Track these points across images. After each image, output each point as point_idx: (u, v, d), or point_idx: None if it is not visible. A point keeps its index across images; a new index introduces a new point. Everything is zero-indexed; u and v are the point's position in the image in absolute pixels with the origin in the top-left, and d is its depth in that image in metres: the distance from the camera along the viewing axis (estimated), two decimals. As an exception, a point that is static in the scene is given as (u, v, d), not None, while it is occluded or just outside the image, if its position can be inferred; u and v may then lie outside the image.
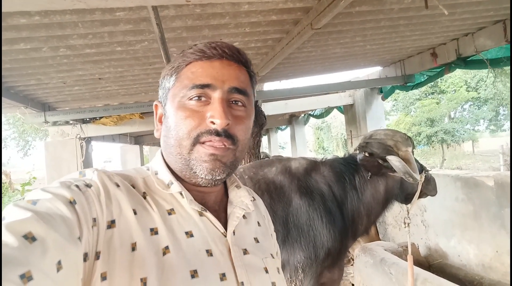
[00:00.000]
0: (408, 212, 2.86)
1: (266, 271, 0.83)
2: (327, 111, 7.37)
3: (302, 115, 9.35)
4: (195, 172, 0.75)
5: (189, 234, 0.73)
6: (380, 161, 2.45)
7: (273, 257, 0.90)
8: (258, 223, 0.94)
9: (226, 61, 0.78)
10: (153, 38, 2.58)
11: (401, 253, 3.75)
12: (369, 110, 5.43)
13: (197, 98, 0.75)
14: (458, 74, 23.48)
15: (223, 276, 0.73)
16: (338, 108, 6.51)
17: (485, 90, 23.72)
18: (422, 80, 4.30)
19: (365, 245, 3.92)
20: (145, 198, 0.74)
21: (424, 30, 3.23)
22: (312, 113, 8.56)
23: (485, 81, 23.39)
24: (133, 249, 0.64)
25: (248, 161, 4.39)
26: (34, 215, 0.53)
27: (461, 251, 3.66)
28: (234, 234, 0.81)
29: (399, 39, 3.40)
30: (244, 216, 0.87)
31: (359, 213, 2.61)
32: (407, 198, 2.81)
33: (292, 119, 9.66)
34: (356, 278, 3.91)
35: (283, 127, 11.64)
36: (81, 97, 4.06)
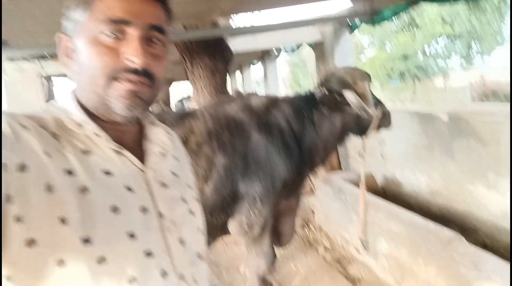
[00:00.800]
0: (364, 145, 3.04)
1: (185, 201, 0.88)
2: (298, 45, 7.28)
3: (274, 50, 9.19)
4: (112, 109, 0.74)
5: (107, 173, 0.73)
6: (337, 97, 2.54)
7: (191, 188, 0.95)
8: (175, 158, 0.95)
9: None
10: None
11: (359, 183, 4.02)
12: (337, 45, 5.41)
13: (112, 34, 0.72)
14: (435, 9, 23.16)
15: (143, 209, 0.76)
16: (309, 44, 6.44)
17: (459, 25, 23.64)
18: (389, 14, 4.27)
19: (326, 175, 4.16)
20: (57, 139, 0.71)
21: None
22: (283, 48, 8.43)
23: (461, 15, 23.24)
24: (49, 190, 0.64)
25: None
26: None
27: (414, 180, 3.94)
28: (152, 170, 0.82)
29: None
30: (161, 153, 0.88)
31: (316, 147, 2.73)
32: (362, 131, 2.94)
33: (264, 54, 9.49)
34: (316, 206, 4.21)
35: (255, 61, 11.44)
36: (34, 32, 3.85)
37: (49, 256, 0.63)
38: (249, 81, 13.21)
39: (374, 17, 4.17)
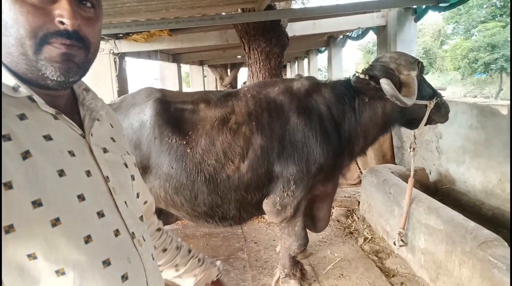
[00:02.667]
0: (415, 138, 2.91)
1: (126, 166, 0.91)
2: (363, 32, 7.04)
3: (340, 37, 8.98)
4: (45, 74, 0.70)
5: (47, 138, 0.72)
6: (373, 83, 2.47)
7: (129, 154, 0.97)
8: (111, 124, 0.96)
9: None
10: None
11: (408, 176, 3.87)
12: (401, 32, 5.15)
13: None
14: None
15: (88, 173, 0.76)
16: (373, 29, 6.20)
17: None
18: (456, 0, 3.98)
19: (373, 166, 4.08)
20: None
21: None
22: (349, 35, 8.21)
23: None
24: None
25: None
26: None
27: (468, 178, 3.71)
28: (92, 135, 0.82)
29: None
30: (97, 118, 0.87)
31: (356, 134, 2.71)
32: (412, 123, 2.84)
33: (330, 41, 9.31)
34: (361, 196, 4.15)
35: (323, 49, 11.28)
36: (106, 13, 4.23)
37: None
38: (315, 68, 13.08)
39: (439, 2, 3.90)
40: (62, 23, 0.68)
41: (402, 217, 3.04)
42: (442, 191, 3.98)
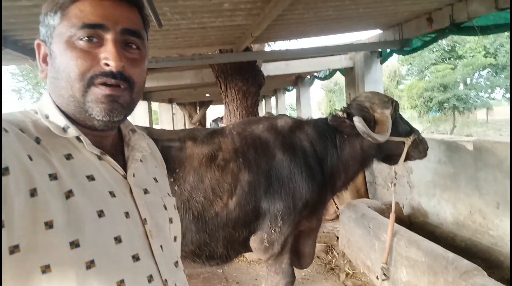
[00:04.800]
0: (396, 173, 3.03)
1: (165, 208, 0.90)
2: (331, 73, 7.43)
3: (308, 76, 9.40)
4: (91, 115, 0.73)
5: (90, 178, 0.73)
6: (347, 121, 2.60)
7: (170, 196, 0.97)
8: (154, 165, 0.98)
9: (118, 1, 0.75)
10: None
11: (384, 210, 4.00)
12: (368, 73, 5.51)
13: (88, 38, 0.71)
14: (477, 39, 22.68)
15: (127, 214, 0.77)
16: (340, 70, 6.57)
17: (504, 56, 22.94)
18: (419, 44, 4.35)
19: (350, 201, 4.18)
20: (38, 143, 0.70)
21: (414, -4, 3.27)
22: (317, 75, 8.62)
23: (505, 46, 22.62)
24: (32, 195, 0.63)
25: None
26: None
27: (440, 210, 3.89)
28: (134, 176, 0.83)
29: (390, 3, 3.44)
30: (141, 159, 0.89)
31: (337, 170, 2.80)
32: (392, 159, 2.94)
33: (298, 80, 9.71)
34: (340, 231, 4.21)
35: (290, 88, 11.71)
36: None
37: (34, 263, 0.61)
38: (283, 106, 13.47)
39: (403, 47, 4.24)
40: (107, 65, 0.71)
41: (384, 251, 3.12)
42: (416, 224, 4.13)
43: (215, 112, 18.53)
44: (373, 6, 3.51)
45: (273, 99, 15.56)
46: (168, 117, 14.53)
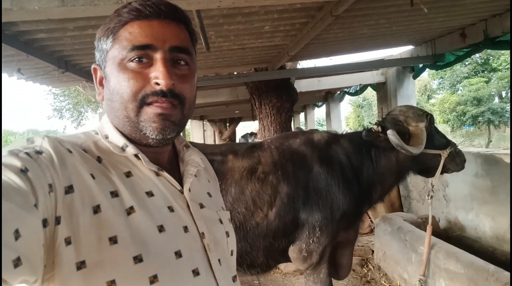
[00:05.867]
0: (433, 186, 3.05)
1: (221, 222, 0.91)
2: (362, 88, 7.49)
3: (338, 92, 9.49)
4: (145, 134, 0.75)
5: (149, 194, 0.76)
6: (382, 135, 2.68)
7: (224, 209, 0.98)
8: (208, 179, 1.00)
9: (165, 20, 0.77)
10: (193, 23, 2.95)
11: (420, 224, 4.00)
12: (400, 88, 5.55)
13: (138, 59, 0.74)
14: (511, 51, 22.02)
15: (186, 229, 0.78)
16: (371, 85, 6.64)
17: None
18: (452, 59, 4.39)
19: (385, 215, 4.20)
20: (100, 162, 0.74)
21: (449, 12, 3.34)
22: (347, 91, 8.69)
23: (542, 58, 21.83)
24: (96, 212, 0.66)
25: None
26: None
27: (478, 224, 3.85)
28: (190, 191, 0.84)
29: (423, 20, 3.54)
30: (196, 174, 0.90)
31: (373, 182, 2.87)
32: (429, 172, 2.96)
33: (328, 96, 9.81)
34: (375, 244, 4.22)
35: (320, 104, 11.80)
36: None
37: (100, 278, 0.63)
38: (312, 122, 13.54)
39: (436, 62, 4.29)
40: (158, 84, 0.73)
41: (422, 263, 3.13)
42: (453, 238, 4.09)
43: (244, 128, 18.81)
44: (406, 24, 3.62)
45: (301, 115, 15.68)
46: (199, 133, 14.87)
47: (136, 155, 0.77)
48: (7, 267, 0.49)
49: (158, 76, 0.73)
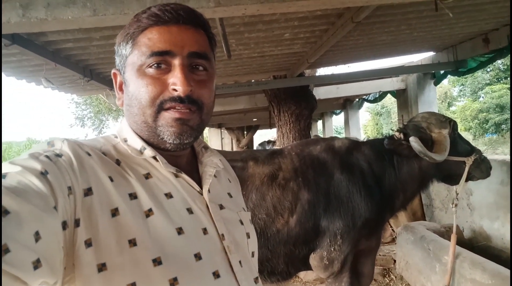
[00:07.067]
0: (457, 194, 2.98)
1: (241, 223, 0.90)
2: (381, 95, 7.41)
3: (356, 99, 9.42)
4: (163, 139, 0.76)
5: (168, 196, 0.76)
6: (404, 142, 2.63)
7: (245, 210, 0.97)
8: (229, 180, 1.00)
9: (184, 26, 0.76)
10: (215, 32, 3.00)
11: (443, 233, 3.90)
12: (421, 95, 5.47)
13: (156, 65, 0.74)
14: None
15: (205, 230, 0.77)
16: (391, 92, 6.56)
17: None
18: (474, 65, 4.31)
19: (407, 223, 4.13)
20: (119, 164, 0.75)
21: (470, 17, 3.30)
22: (366, 98, 8.61)
23: None
24: (114, 214, 0.66)
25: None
26: (4, 189, 0.52)
27: (504, 234, 3.73)
28: (209, 192, 0.83)
29: (445, 26, 3.50)
30: (215, 175, 0.90)
31: (396, 189, 2.82)
32: (453, 179, 2.89)
33: (346, 103, 9.74)
34: (398, 253, 4.14)
35: (338, 111, 11.72)
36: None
37: (121, 280, 0.63)
38: (330, 129, 13.46)
39: (458, 68, 4.23)
40: (175, 90, 0.73)
41: (446, 273, 3.05)
42: (478, 248, 3.97)
43: (260, 136, 18.84)
44: (427, 30, 3.59)
45: (319, 122, 15.61)
46: (217, 141, 14.96)
47: (154, 157, 0.77)
48: (27, 269, 0.50)
49: (176, 82, 0.73)
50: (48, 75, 3.46)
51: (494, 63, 23.84)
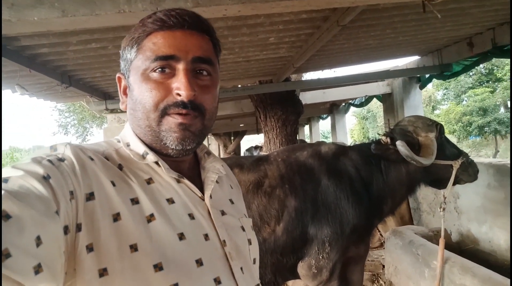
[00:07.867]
0: (445, 197, 2.95)
1: (243, 229, 0.89)
2: (367, 100, 7.43)
3: (343, 104, 9.44)
4: (165, 144, 0.76)
5: (170, 201, 0.75)
6: (391, 146, 2.60)
7: (246, 217, 0.96)
8: (230, 186, 0.99)
9: (188, 31, 0.77)
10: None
11: (431, 237, 3.88)
12: (407, 99, 5.50)
13: (161, 70, 0.74)
14: (516, 61, 21.98)
15: (206, 236, 0.77)
16: (377, 97, 6.58)
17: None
18: (459, 69, 4.33)
19: (396, 228, 4.09)
20: (121, 169, 0.74)
21: (455, 22, 3.31)
22: (352, 102, 8.64)
23: (547, 67, 21.76)
24: (116, 219, 0.66)
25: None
26: (6, 193, 0.51)
27: (492, 237, 3.73)
28: (211, 198, 0.83)
29: (430, 30, 3.50)
30: (217, 181, 0.90)
31: (384, 194, 2.78)
32: (441, 183, 2.87)
33: (332, 108, 9.77)
34: (386, 259, 4.10)
35: (324, 116, 11.75)
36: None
37: (121, 285, 0.63)
38: (317, 134, 13.48)
39: (443, 71, 4.24)
40: (179, 95, 0.74)
41: (435, 278, 3.02)
42: (467, 252, 3.96)
43: (248, 142, 18.80)
44: (413, 34, 3.58)
45: (306, 127, 15.64)
46: (204, 147, 14.85)
47: (156, 163, 0.77)
48: (28, 274, 0.49)
49: (179, 87, 0.73)
50: (23, 81, 3.33)
51: (476, 67, 24.40)
